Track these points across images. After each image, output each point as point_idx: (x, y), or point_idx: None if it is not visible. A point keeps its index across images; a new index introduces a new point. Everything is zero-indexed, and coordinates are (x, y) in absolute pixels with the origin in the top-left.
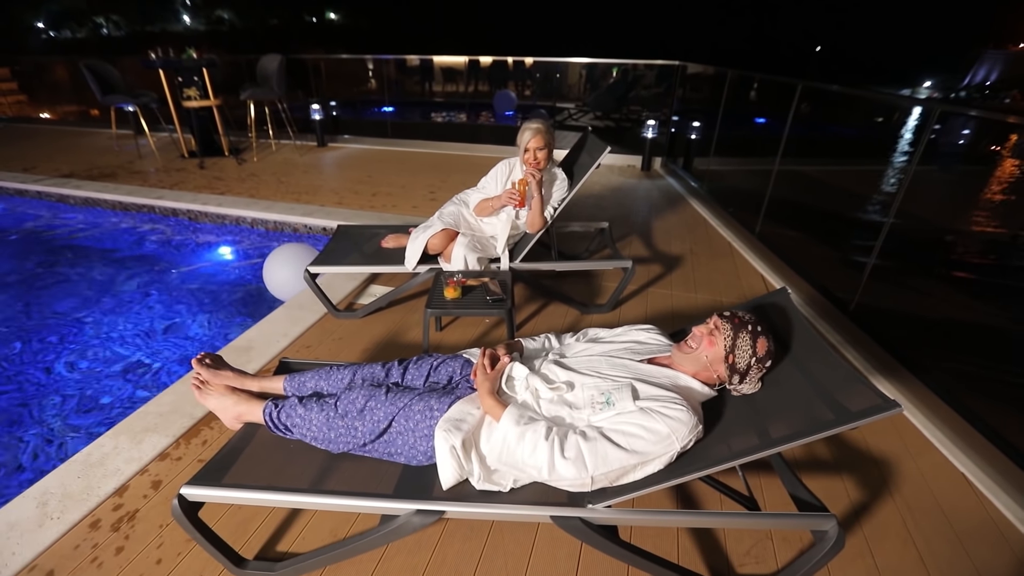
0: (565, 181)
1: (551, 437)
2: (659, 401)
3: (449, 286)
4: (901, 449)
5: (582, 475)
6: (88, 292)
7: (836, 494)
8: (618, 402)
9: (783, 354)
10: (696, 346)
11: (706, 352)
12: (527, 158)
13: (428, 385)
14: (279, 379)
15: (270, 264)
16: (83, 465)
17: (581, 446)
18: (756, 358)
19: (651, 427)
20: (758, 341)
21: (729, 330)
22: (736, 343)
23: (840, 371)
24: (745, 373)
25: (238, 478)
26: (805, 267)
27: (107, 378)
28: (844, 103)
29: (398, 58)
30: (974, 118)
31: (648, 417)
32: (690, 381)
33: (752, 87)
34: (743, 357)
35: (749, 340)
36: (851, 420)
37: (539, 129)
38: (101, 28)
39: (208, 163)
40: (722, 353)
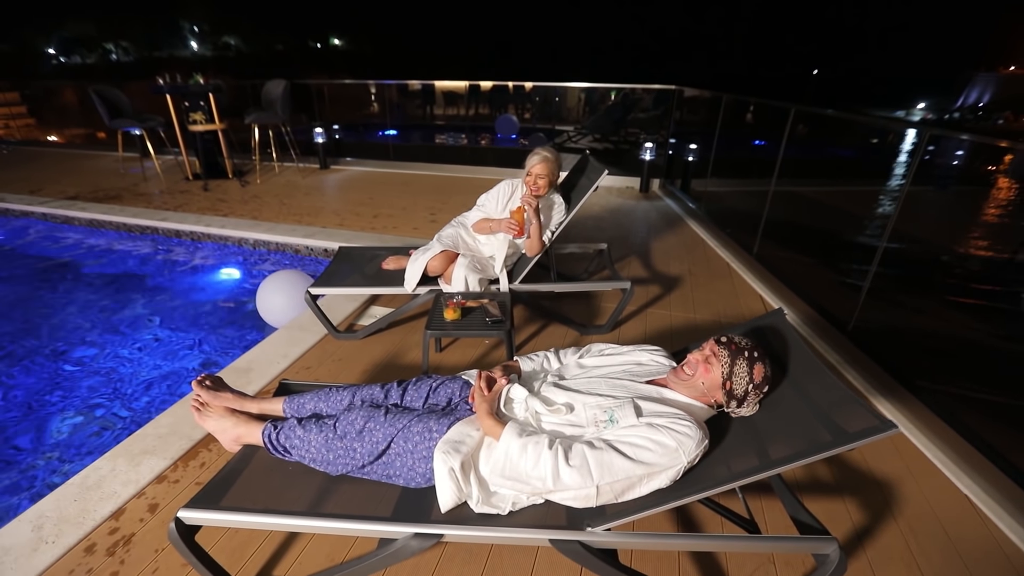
0: (563, 206)
1: (555, 447)
2: (665, 416)
3: (449, 307)
4: (903, 470)
5: (587, 484)
6: (87, 312)
7: (838, 516)
8: (621, 419)
9: (781, 375)
10: (692, 372)
11: (702, 379)
12: (528, 181)
13: (427, 406)
14: (278, 401)
15: (263, 291)
16: (80, 488)
17: (587, 454)
18: (753, 384)
19: (659, 440)
20: (755, 367)
21: (726, 357)
22: (733, 370)
23: (837, 392)
24: (743, 399)
25: (235, 501)
26: (803, 287)
27: (106, 398)
28: (839, 125)
29: (400, 83)
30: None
31: (655, 431)
32: (690, 401)
33: (748, 110)
34: (740, 384)
35: (746, 367)
36: (849, 441)
37: (547, 158)
38: (110, 54)
39: (212, 185)
40: (719, 380)
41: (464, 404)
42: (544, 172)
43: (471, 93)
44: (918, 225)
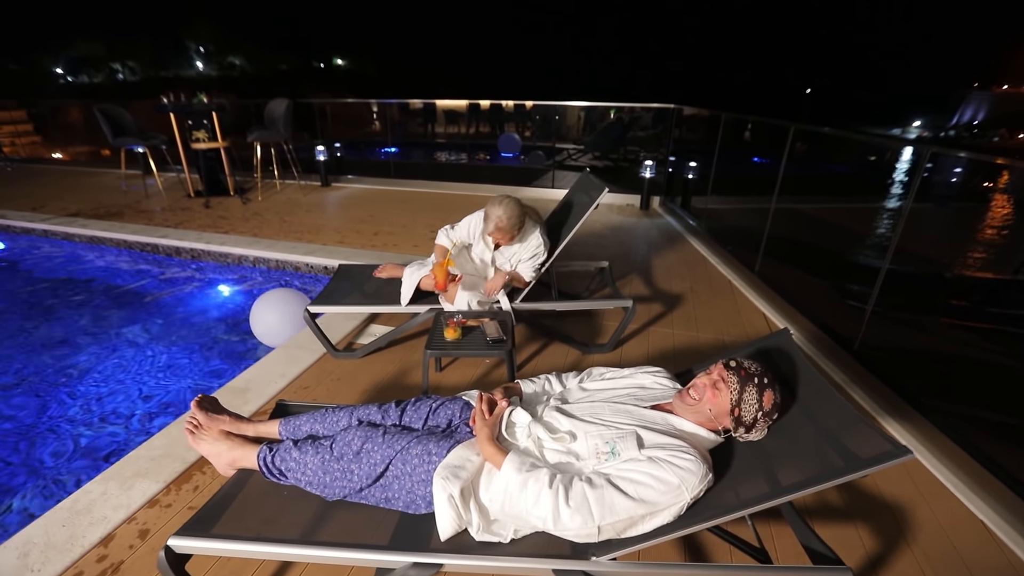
0: (541, 246)
1: (555, 485)
2: (667, 449)
3: (449, 327)
4: (915, 495)
5: (588, 525)
6: (82, 330)
7: (850, 543)
8: (623, 451)
9: (789, 398)
10: (699, 397)
11: (710, 405)
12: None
13: (427, 428)
14: (275, 423)
15: (256, 310)
16: (69, 512)
17: (587, 494)
18: (763, 412)
19: (660, 476)
20: (765, 394)
21: (735, 383)
22: (743, 396)
23: (848, 415)
24: (752, 426)
25: (228, 528)
26: (806, 305)
27: (99, 419)
28: (836, 143)
29: (401, 102)
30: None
31: (657, 466)
32: (696, 429)
33: (746, 128)
34: (750, 411)
35: (756, 393)
36: (862, 467)
37: (499, 220)
38: (117, 74)
39: (213, 203)
40: (727, 407)
41: (464, 426)
42: (496, 231)
43: (471, 112)
44: (919, 242)
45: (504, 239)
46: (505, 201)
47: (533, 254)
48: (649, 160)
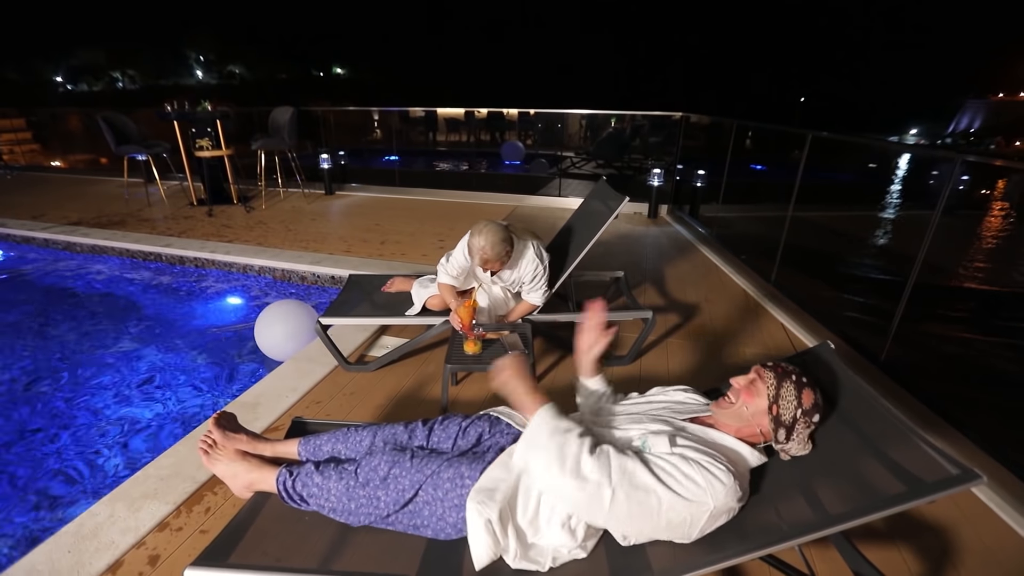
0: (539, 265)
1: (584, 436)
2: (699, 453)
3: (469, 340)
4: (957, 515)
5: (603, 483)
6: (84, 342)
7: (896, 568)
8: (654, 446)
9: (837, 416)
10: (736, 400)
11: (747, 404)
12: (475, 265)
13: (456, 448)
14: (293, 443)
15: (262, 322)
16: (74, 537)
17: (611, 455)
18: (802, 410)
19: (688, 473)
20: (803, 392)
21: (772, 379)
22: (780, 392)
23: (905, 435)
24: (791, 427)
25: (245, 557)
26: (827, 315)
27: (102, 434)
28: (844, 151)
29: (403, 110)
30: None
31: (685, 463)
32: (736, 444)
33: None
34: (788, 409)
35: (794, 390)
36: (926, 493)
37: (483, 251)
38: (117, 82)
39: (217, 211)
40: (765, 405)
41: (495, 446)
42: (484, 263)
43: (476, 119)
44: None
45: (496, 267)
46: (484, 230)
47: (534, 276)
48: (657, 169)
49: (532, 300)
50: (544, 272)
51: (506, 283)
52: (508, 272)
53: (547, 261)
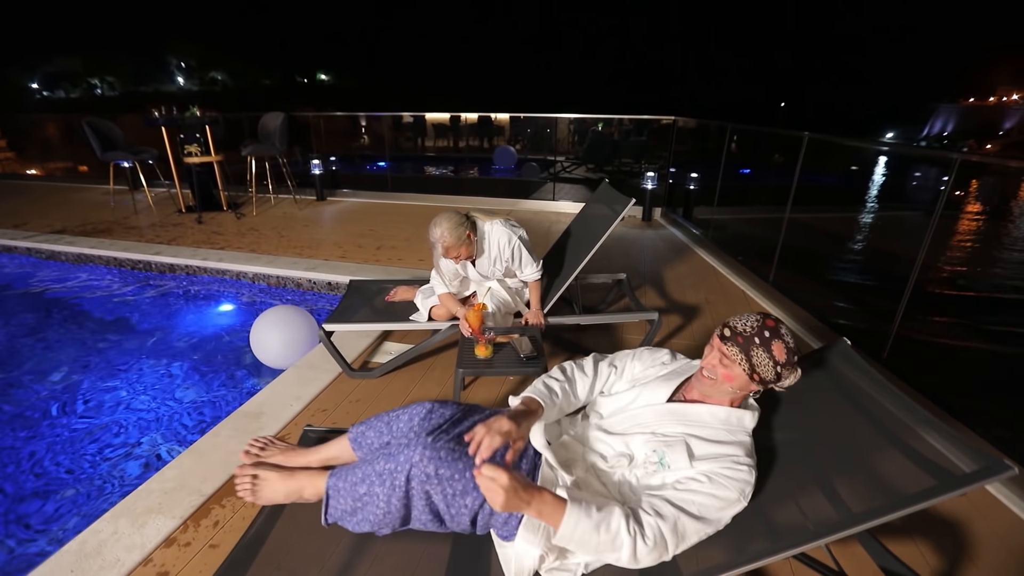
0: (510, 236)
1: (631, 528)
2: (719, 461)
3: (480, 344)
4: (968, 508)
5: (664, 556)
6: (76, 354)
7: (914, 562)
8: (672, 462)
9: (861, 412)
10: (714, 377)
11: (727, 384)
12: (442, 257)
13: None
14: (335, 444)
15: (257, 329)
16: (76, 556)
17: (661, 528)
18: (780, 364)
19: (721, 495)
20: (773, 347)
21: (738, 353)
22: (752, 362)
23: (930, 429)
24: (779, 378)
25: (262, 572)
26: (827, 314)
27: (102, 448)
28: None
29: (394, 115)
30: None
31: (715, 485)
32: (737, 414)
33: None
34: (767, 369)
35: (763, 353)
36: (958, 486)
37: (443, 239)
38: (95, 89)
39: (206, 218)
40: (745, 378)
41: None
42: (448, 250)
43: (465, 125)
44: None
45: (463, 253)
46: (438, 219)
47: (511, 251)
48: (650, 172)
49: (529, 277)
50: (521, 243)
51: (488, 267)
52: (484, 258)
53: (521, 233)
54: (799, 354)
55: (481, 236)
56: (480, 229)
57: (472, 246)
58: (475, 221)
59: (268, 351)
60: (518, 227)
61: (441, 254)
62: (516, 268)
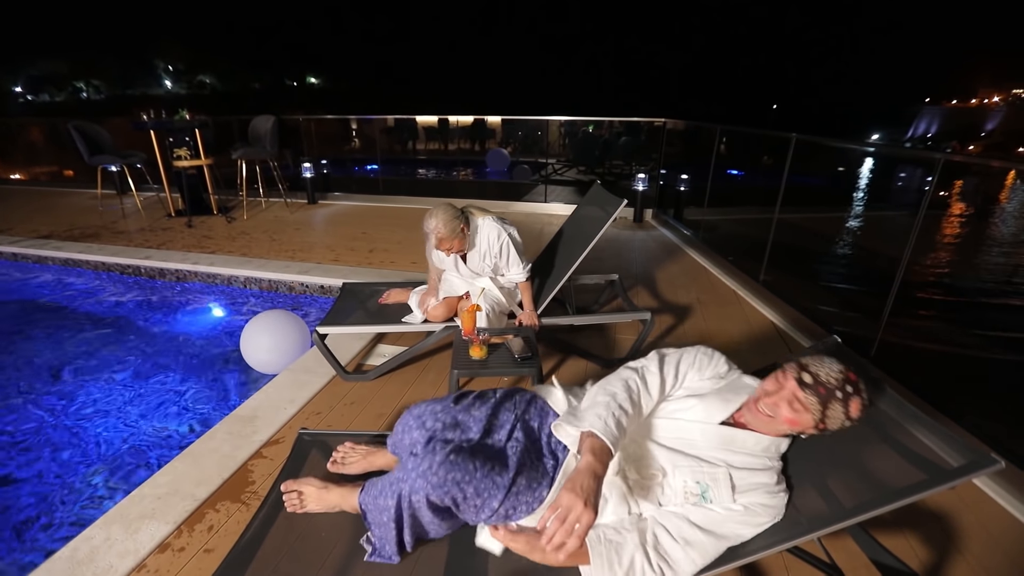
0: (501, 234)
1: (655, 565)
2: (757, 493)
3: (475, 345)
4: (957, 503)
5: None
6: (66, 360)
7: (904, 554)
8: (715, 497)
9: None
10: (772, 415)
11: (788, 427)
12: (435, 248)
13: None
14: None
15: (248, 334)
16: (69, 563)
17: (687, 553)
18: (851, 420)
19: (755, 522)
20: (851, 404)
21: (815, 403)
22: (826, 413)
23: (921, 425)
24: (839, 430)
25: (260, 573)
26: (816, 312)
27: (92, 455)
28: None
29: (385, 118)
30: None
31: (751, 514)
32: (778, 442)
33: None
34: (836, 423)
35: (840, 408)
36: (947, 479)
37: (437, 231)
38: (81, 92)
39: (196, 222)
40: (811, 425)
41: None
42: (441, 242)
43: (456, 128)
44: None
45: (456, 246)
46: (434, 212)
47: (500, 248)
48: (641, 173)
49: (515, 278)
50: (510, 242)
51: (478, 263)
52: (475, 253)
53: (512, 231)
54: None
55: (474, 231)
56: (473, 224)
57: (465, 240)
58: (469, 216)
59: (258, 357)
60: (510, 226)
61: (434, 245)
62: (504, 267)
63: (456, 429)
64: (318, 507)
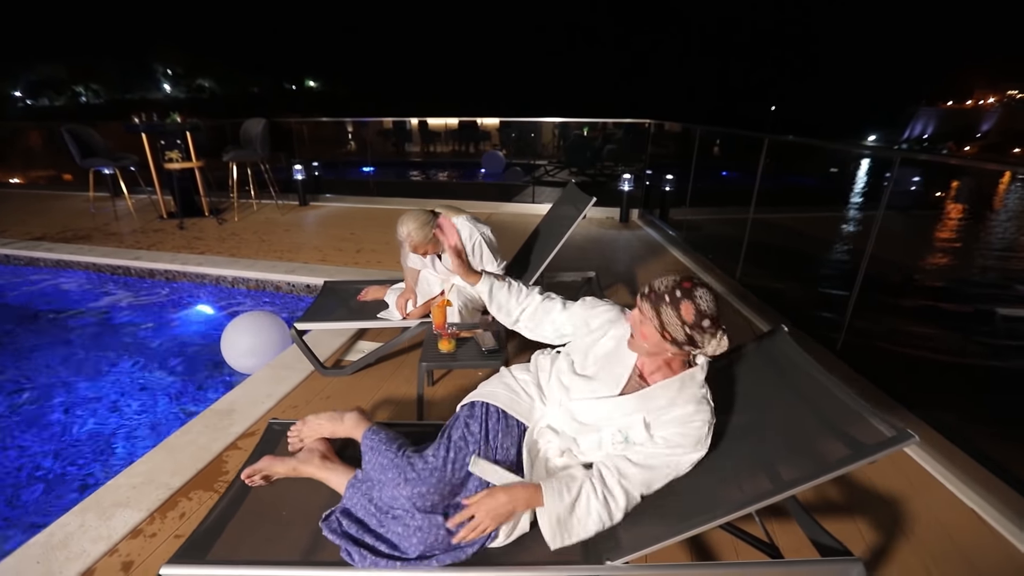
0: (472, 231)
1: (599, 493)
2: (672, 426)
3: (443, 338)
4: (907, 487)
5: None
6: (51, 357)
7: (851, 537)
8: (634, 438)
9: (791, 393)
10: (635, 334)
11: (644, 342)
12: (411, 252)
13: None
14: None
15: (228, 335)
16: (44, 548)
17: (625, 486)
18: (688, 324)
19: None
20: (681, 307)
21: (649, 309)
22: (662, 319)
23: (850, 405)
24: (690, 340)
25: (225, 553)
26: (788, 308)
27: (73, 446)
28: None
29: (377, 120)
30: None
31: (671, 445)
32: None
33: (723, 143)
34: (676, 330)
35: (671, 311)
36: (867, 454)
37: (410, 236)
38: (80, 96)
39: (188, 224)
40: (657, 335)
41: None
42: (416, 247)
43: (448, 130)
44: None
45: (430, 248)
46: (404, 219)
47: (472, 246)
48: (627, 174)
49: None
50: (483, 241)
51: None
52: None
53: (484, 230)
54: (718, 320)
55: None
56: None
57: (438, 242)
58: (437, 217)
59: (238, 357)
60: (483, 225)
61: (409, 250)
62: (477, 265)
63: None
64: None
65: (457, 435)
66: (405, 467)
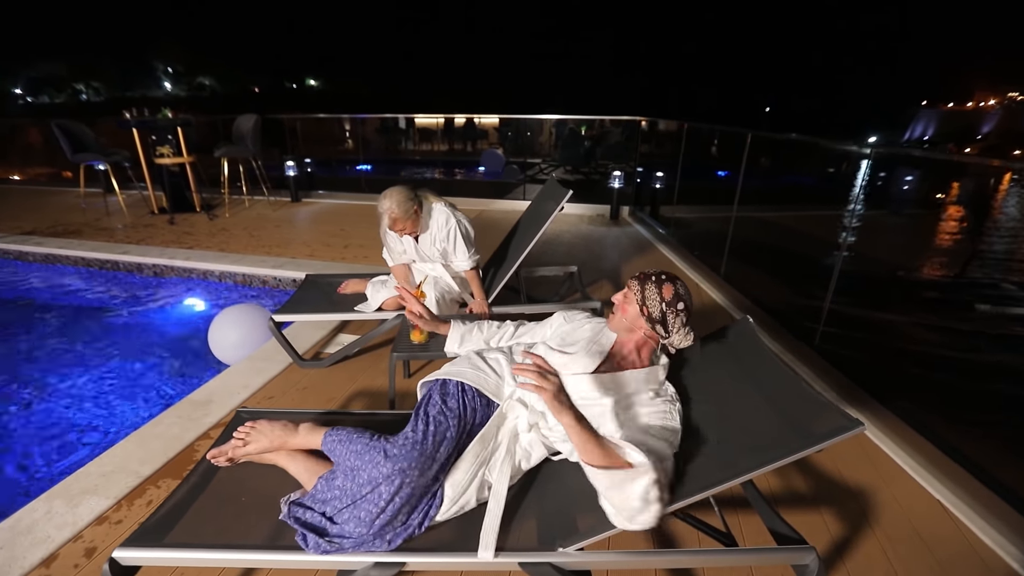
0: (450, 219)
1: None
2: (636, 424)
3: (416, 330)
4: (875, 478)
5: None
6: (35, 347)
7: (816, 528)
8: (604, 431)
9: (751, 383)
10: (617, 312)
11: (624, 315)
12: (389, 228)
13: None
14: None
15: (216, 327)
16: (10, 533)
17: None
18: (665, 303)
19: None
20: (663, 288)
21: (636, 286)
22: (645, 296)
23: (805, 395)
24: (663, 320)
25: (182, 537)
26: (769, 304)
27: (51, 435)
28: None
29: (370, 116)
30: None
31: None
32: (650, 371)
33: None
34: (654, 306)
35: (655, 289)
36: (817, 442)
37: (391, 211)
38: (80, 94)
39: (179, 219)
40: (637, 310)
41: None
42: (394, 222)
43: (445, 128)
44: (875, 245)
45: (409, 227)
46: (388, 193)
47: (448, 233)
48: (617, 172)
49: (461, 267)
50: (458, 229)
51: (429, 247)
52: (426, 236)
53: (461, 219)
54: (690, 312)
55: (426, 213)
56: (426, 206)
57: (418, 221)
58: (423, 199)
59: (225, 349)
60: (461, 215)
61: (388, 225)
62: (451, 253)
63: None
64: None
65: (435, 411)
66: (384, 446)
